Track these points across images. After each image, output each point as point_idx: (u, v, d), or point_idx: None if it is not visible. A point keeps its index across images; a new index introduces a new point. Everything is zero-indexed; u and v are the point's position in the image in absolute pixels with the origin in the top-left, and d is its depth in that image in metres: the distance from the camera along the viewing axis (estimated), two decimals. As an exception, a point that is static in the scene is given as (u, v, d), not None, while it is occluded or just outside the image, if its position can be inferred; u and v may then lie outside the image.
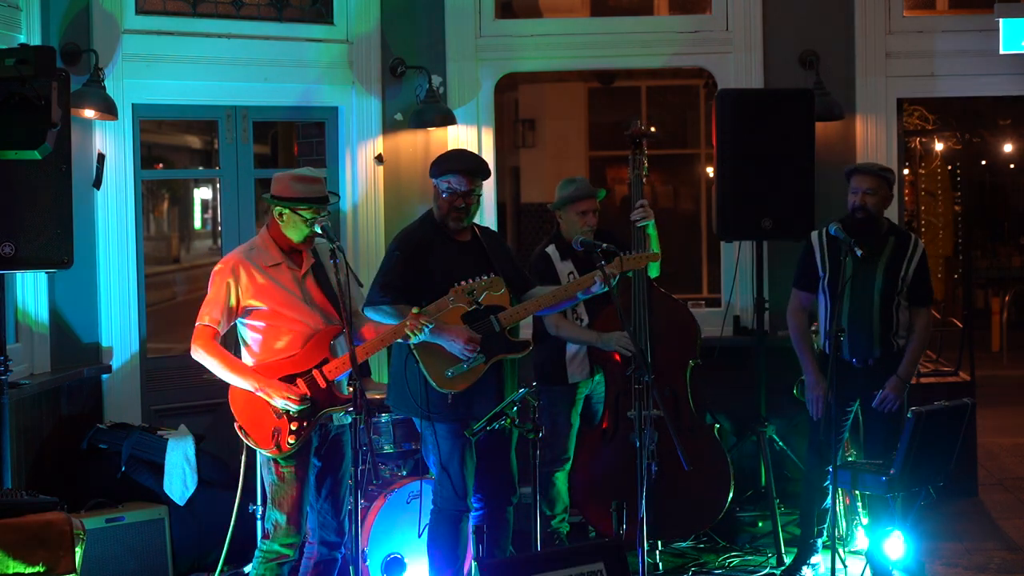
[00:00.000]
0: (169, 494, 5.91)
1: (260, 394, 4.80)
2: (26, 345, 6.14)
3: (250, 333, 4.93)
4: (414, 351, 5.11)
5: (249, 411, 4.84)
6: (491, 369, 5.13)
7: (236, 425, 4.87)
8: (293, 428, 4.80)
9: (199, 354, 4.85)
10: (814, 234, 5.99)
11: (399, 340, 4.94)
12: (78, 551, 4.58)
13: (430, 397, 5.12)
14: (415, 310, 4.86)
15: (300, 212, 4.84)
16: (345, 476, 5.03)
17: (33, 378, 6.06)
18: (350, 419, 4.99)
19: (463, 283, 4.91)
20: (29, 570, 4.45)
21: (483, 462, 5.22)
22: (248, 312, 4.88)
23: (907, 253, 5.84)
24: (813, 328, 6.20)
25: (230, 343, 5.07)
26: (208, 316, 4.85)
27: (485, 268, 5.18)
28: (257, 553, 4.93)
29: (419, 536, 5.37)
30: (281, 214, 4.88)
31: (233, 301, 4.85)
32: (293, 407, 4.79)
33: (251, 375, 4.83)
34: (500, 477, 5.26)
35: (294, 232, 4.89)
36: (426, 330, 4.87)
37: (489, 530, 5.23)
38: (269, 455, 4.84)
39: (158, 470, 5.94)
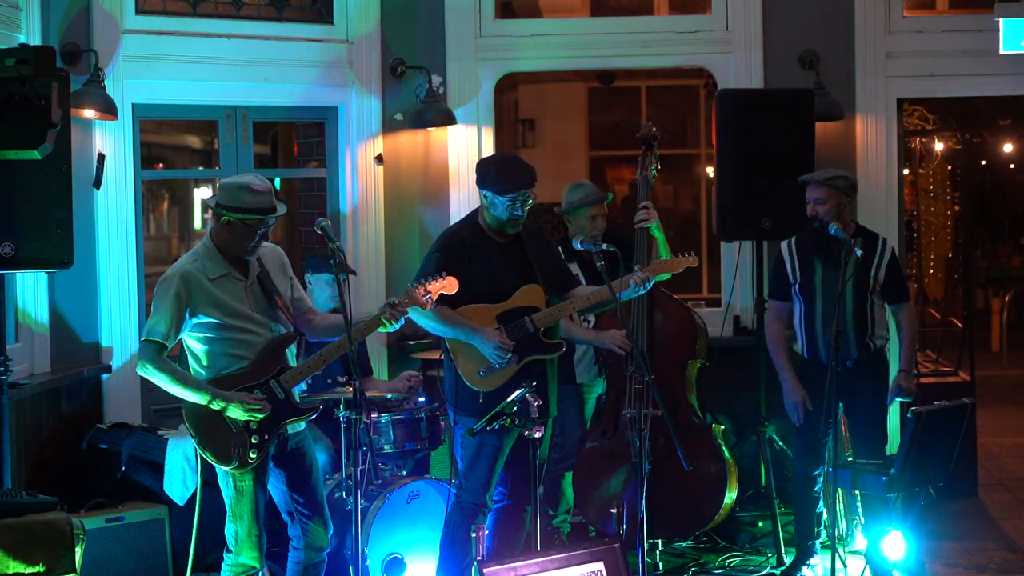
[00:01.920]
0: (169, 494, 5.90)
1: (214, 406, 4.65)
2: (26, 345, 6.14)
3: (199, 346, 4.78)
4: (449, 349, 5.15)
5: (206, 426, 4.70)
6: (530, 369, 5.14)
7: (194, 441, 4.74)
8: (254, 441, 4.68)
9: (147, 370, 4.68)
10: (784, 244, 6.05)
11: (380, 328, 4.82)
12: (78, 551, 4.59)
13: (460, 391, 5.15)
14: (392, 300, 4.82)
15: (246, 221, 4.71)
16: (319, 480, 4.95)
17: (33, 378, 6.06)
18: (303, 425, 4.95)
19: (415, 283, 4.86)
20: (29, 570, 4.46)
21: (514, 457, 5.22)
22: (196, 325, 4.73)
23: (875, 254, 5.85)
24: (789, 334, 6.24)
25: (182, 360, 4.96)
26: (155, 330, 4.69)
27: (524, 269, 5.19)
28: (224, 567, 4.84)
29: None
30: (228, 222, 4.74)
31: (180, 314, 4.69)
32: (257, 415, 4.66)
33: (205, 388, 4.67)
34: (526, 474, 5.25)
35: (239, 242, 4.75)
36: (403, 320, 4.82)
37: (505, 526, 5.25)
38: (230, 470, 4.72)
39: (158, 470, 5.94)
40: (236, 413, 4.67)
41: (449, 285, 4.90)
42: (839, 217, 5.82)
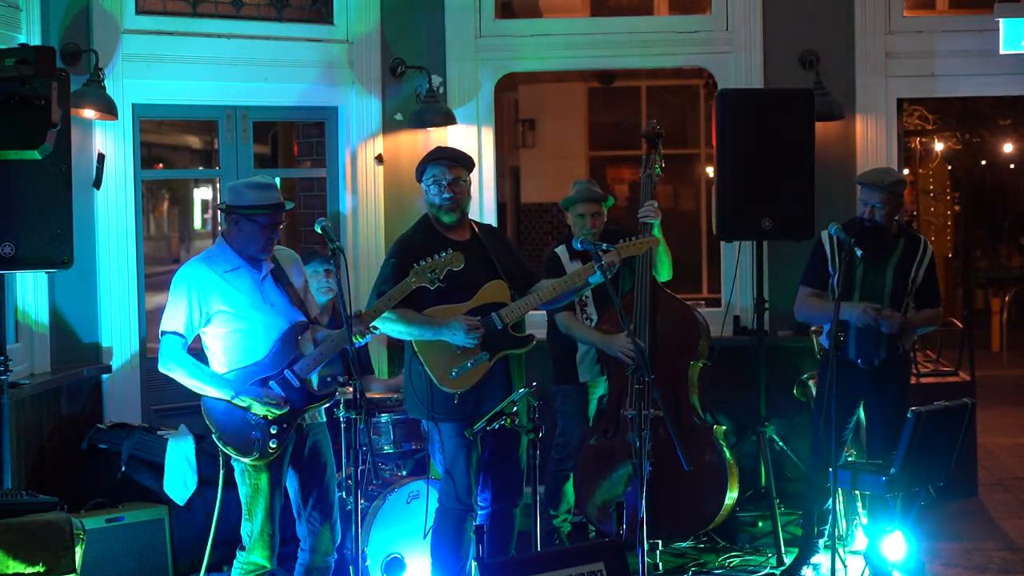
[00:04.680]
0: (169, 494, 5.90)
1: (237, 402, 4.71)
2: (26, 345, 6.14)
3: (215, 341, 4.83)
4: (418, 352, 5.11)
5: (226, 420, 4.74)
6: (498, 367, 5.13)
7: (214, 436, 4.79)
8: (273, 432, 4.72)
9: (169, 366, 4.75)
10: (824, 233, 5.92)
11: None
12: (78, 551, 4.58)
13: (434, 397, 5.11)
14: (358, 310, 4.84)
15: (256, 219, 4.77)
16: (331, 483, 4.97)
17: (33, 378, 6.06)
18: (323, 418, 4.98)
19: (422, 263, 4.89)
20: (29, 570, 4.45)
21: (492, 462, 5.21)
22: (211, 319, 4.78)
23: (917, 255, 5.81)
24: (815, 329, 6.21)
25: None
26: (173, 325, 4.75)
27: (486, 266, 5.17)
28: (236, 564, 4.87)
29: (424, 537, 5.38)
30: (238, 222, 4.80)
31: (196, 307, 4.75)
32: (275, 410, 4.71)
33: (225, 384, 4.73)
34: (508, 478, 5.25)
35: (251, 241, 4.80)
36: (370, 336, 4.84)
37: (493, 530, 5.23)
38: (249, 463, 4.75)
39: (158, 470, 5.94)
40: (256, 408, 4.71)
41: (455, 259, 4.92)
42: (892, 221, 5.78)
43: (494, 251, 5.24)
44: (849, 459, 6.05)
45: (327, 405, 4.95)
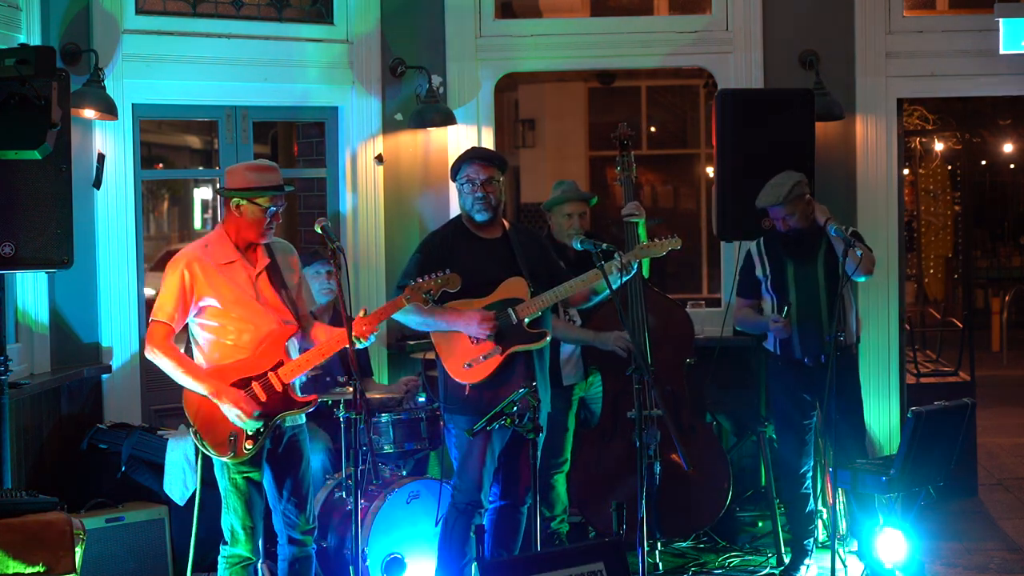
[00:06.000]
0: (169, 494, 5.91)
1: (214, 400, 4.69)
2: (26, 345, 6.15)
3: (202, 333, 4.81)
4: (435, 345, 5.17)
5: (204, 416, 4.73)
6: (519, 364, 5.14)
7: (192, 430, 4.77)
8: (250, 433, 4.71)
9: (153, 354, 4.73)
10: (752, 245, 6.10)
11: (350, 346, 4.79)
12: (78, 551, 4.59)
13: (448, 389, 5.15)
14: (361, 313, 4.85)
15: (257, 202, 4.75)
16: (306, 475, 4.94)
17: (33, 378, 6.06)
18: (303, 419, 4.96)
19: (417, 281, 4.91)
20: (29, 570, 4.46)
21: (508, 459, 5.22)
22: (201, 310, 4.76)
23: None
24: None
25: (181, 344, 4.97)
26: (162, 312, 4.73)
27: (509, 263, 5.21)
28: (221, 559, 4.87)
29: (436, 525, 5.38)
30: (239, 206, 4.78)
31: (187, 297, 4.74)
32: (248, 423, 4.67)
33: (206, 379, 4.71)
34: (520, 476, 5.25)
35: (252, 225, 4.78)
36: (372, 337, 4.83)
37: (500, 528, 5.25)
38: (225, 460, 4.74)
39: (158, 470, 5.94)
40: (228, 411, 4.68)
41: (451, 281, 4.93)
42: (809, 217, 5.83)
43: (520, 250, 5.28)
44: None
45: (309, 411, 4.92)
